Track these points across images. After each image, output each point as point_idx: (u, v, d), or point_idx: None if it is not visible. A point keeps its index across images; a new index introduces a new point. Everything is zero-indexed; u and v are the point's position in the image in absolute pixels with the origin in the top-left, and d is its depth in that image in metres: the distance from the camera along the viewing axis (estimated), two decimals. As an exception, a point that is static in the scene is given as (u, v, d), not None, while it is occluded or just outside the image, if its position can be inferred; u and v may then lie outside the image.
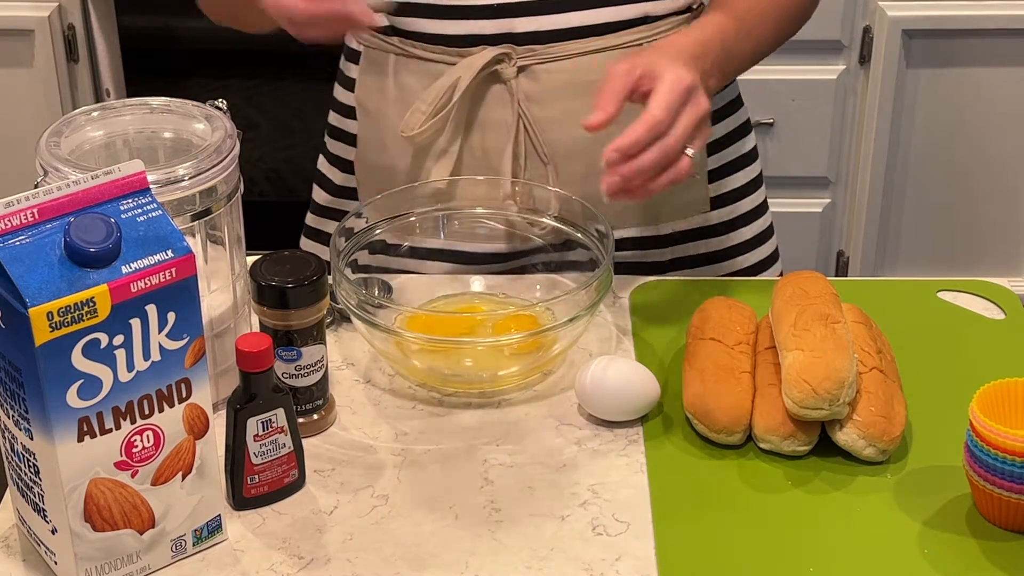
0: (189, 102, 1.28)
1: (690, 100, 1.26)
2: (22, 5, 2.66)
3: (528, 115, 1.43)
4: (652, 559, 1.12)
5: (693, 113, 1.26)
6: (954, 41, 2.66)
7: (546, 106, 1.43)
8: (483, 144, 1.45)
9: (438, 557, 1.12)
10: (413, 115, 1.44)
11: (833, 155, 2.78)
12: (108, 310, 1.01)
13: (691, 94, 1.26)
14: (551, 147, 1.44)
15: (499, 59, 1.42)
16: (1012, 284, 1.49)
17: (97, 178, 1.04)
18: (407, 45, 1.46)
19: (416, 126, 1.43)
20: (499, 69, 1.42)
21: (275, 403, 1.15)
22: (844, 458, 1.22)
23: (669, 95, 1.25)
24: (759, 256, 1.60)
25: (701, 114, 1.27)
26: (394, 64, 1.47)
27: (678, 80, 1.25)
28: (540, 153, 1.44)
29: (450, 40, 1.43)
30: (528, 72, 1.43)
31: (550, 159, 1.44)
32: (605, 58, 1.42)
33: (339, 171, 1.57)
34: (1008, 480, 1.11)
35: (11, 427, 1.07)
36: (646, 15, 1.44)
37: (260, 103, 2.84)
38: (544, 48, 1.42)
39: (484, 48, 1.42)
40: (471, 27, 1.43)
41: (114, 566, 1.09)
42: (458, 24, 1.43)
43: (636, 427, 1.26)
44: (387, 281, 1.44)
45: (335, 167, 1.58)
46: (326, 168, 1.59)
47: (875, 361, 1.24)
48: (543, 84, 1.43)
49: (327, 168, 1.59)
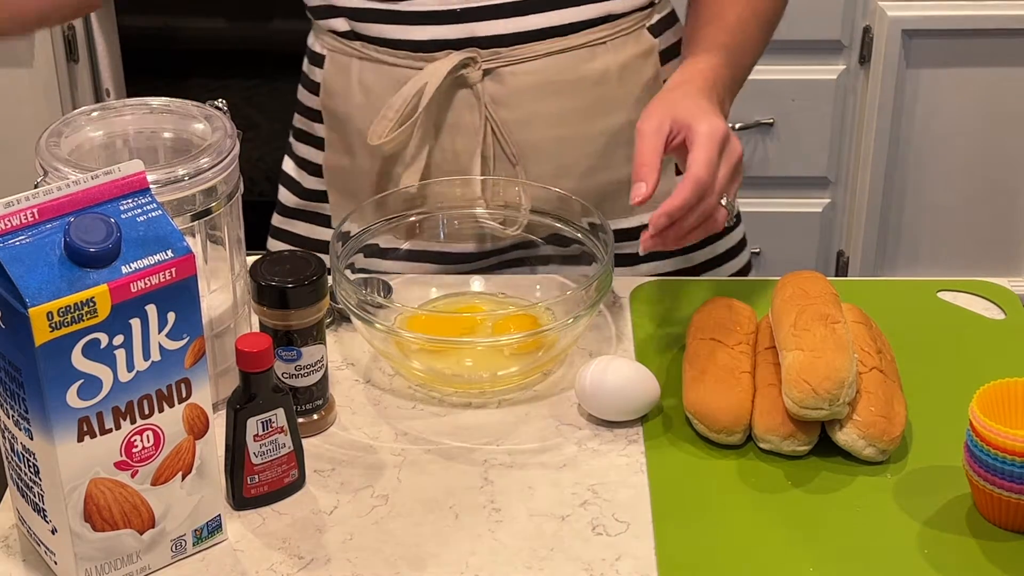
0: (189, 102, 1.28)
1: (726, 150, 1.26)
2: (22, 5, 2.65)
3: (495, 117, 1.44)
4: (652, 559, 1.12)
5: (729, 164, 1.26)
6: (954, 41, 2.66)
7: (513, 108, 1.44)
8: (451, 147, 1.46)
9: (438, 557, 1.12)
10: (380, 122, 1.44)
11: (833, 155, 2.78)
12: (108, 310, 1.01)
13: (726, 143, 1.26)
14: (519, 148, 1.45)
15: (464, 63, 1.42)
16: (1012, 284, 1.49)
17: (97, 178, 1.04)
18: (370, 50, 1.45)
19: (383, 134, 1.43)
20: (465, 73, 1.42)
21: (275, 403, 1.15)
22: (844, 458, 1.22)
23: (708, 151, 1.24)
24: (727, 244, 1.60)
25: (735, 162, 1.27)
26: (358, 69, 1.47)
27: (713, 132, 1.25)
28: (508, 154, 1.45)
29: (414, 45, 1.43)
30: (493, 75, 1.43)
31: (518, 160, 1.45)
32: (569, 58, 1.43)
33: (307, 174, 1.57)
34: (1008, 480, 1.11)
35: (11, 427, 1.07)
36: (608, 13, 1.44)
37: (260, 103, 2.84)
38: (508, 51, 1.43)
39: (449, 53, 1.42)
40: (435, 32, 1.43)
41: (114, 566, 1.09)
42: (422, 29, 1.43)
43: (636, 427, 1.26)
44: (387, 281, 1.44)
45: (303, 170, 1.57)
46: (293, 171, 1.59)
47: (875, 361, 1.24)
48: (509, 86, 1.43)
49: (294, 171, 1.58)
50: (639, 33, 1.47)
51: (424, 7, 1.42)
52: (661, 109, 1.29)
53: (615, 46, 1.45)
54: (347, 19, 1.46)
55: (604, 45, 1.44)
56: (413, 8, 1.42)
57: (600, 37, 1.44)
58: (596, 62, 1.44)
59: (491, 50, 1.42)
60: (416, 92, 1.42)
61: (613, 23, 1.45)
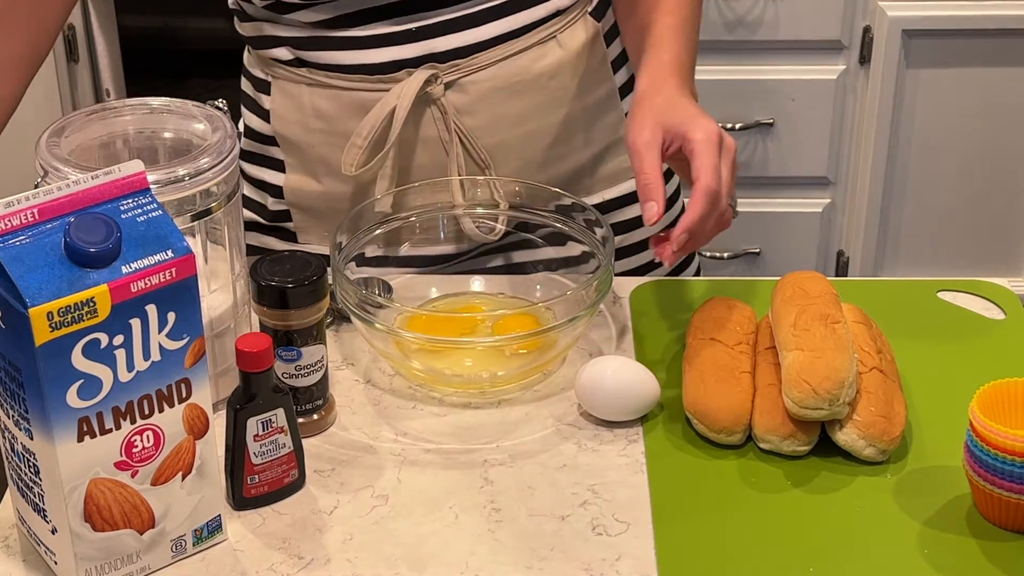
0: (189, 102, 1.28)
1: (723, 149, 1.27)
2: (22, 5, 2.65)
3: (461, 126, 1.44)
4: (652, 559, 1.12)
5: (728, 164, 1.27)
6: (954, 41, 2.66)
7: (476, 115, 1.44)
8: (423, 162, 1.46)
9: (438, 557, 1.12)
10: (350, 151, 1.43)
11: (833, 155, 2.78)
12: (108, 310, 1.01)
13: (722, 142, 1.27)
14: (488, 151, 1.45)
15: (428, 81, 1.42)
16: (1012, 284, 1.48)
17: (97, 178, 1.04)
18: (319, 75, 1.44)
19: (356, 163, 1.42)
20: (428, 90, 1.42)
21: (275, 403, 1.15)
22: (844, 458, 1.22)
23: (711, 157, 1.25)
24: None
25: (733, 159, 1.28)
26: (309, 95, 1.45)
27: (709, 136, 1.26)
28: (477, 160, 1.45)
29: (370, 68, 1.43)
30: (455, 86, 1.43)
31: (488, 163, 1.45)
32: (524, 57, 1.44)
33: (269, 196, 1.53)
34: (1008, 480, 1.11)
35: (11, 427, 1.07)
36: (556, 10, 1.45)
37: (260, 103, 2.84)
38: (466, 61, 1.43)
39: (410, 72, 1.42)
40: (392, 54, 1.42)
41: (114, 566, 1.09)
42: (378, 52, 1.42)
43: (636, 427, 1.26)
44: (387, 281, 1.44)
45: (264, 192, 1.54)
46: (254, 194, 1.55)
47: (875, 361, 1.24)
48: (471, 94, 1.44)
49: (255, 193, 1.54)
50: (584, 20, 1.48)
51: (379, 30, 1.41)
52: (650, 120, 1.29)
53: (564, 39, 1.46)
54: (290, 48, 1.44)
55: (554, 39, 1.46)
56: (367, 32, 1.41)
57: (551, 32, 1.45)
58: (549, 57, 1.46)
59: (450, 63, 1.43)
60: (385, 115, 1.41)
61: (560, 17, 1.46)
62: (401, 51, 1.42)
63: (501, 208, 1.46)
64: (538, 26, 1.45)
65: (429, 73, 1.42)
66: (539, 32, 1.45)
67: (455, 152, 1.44)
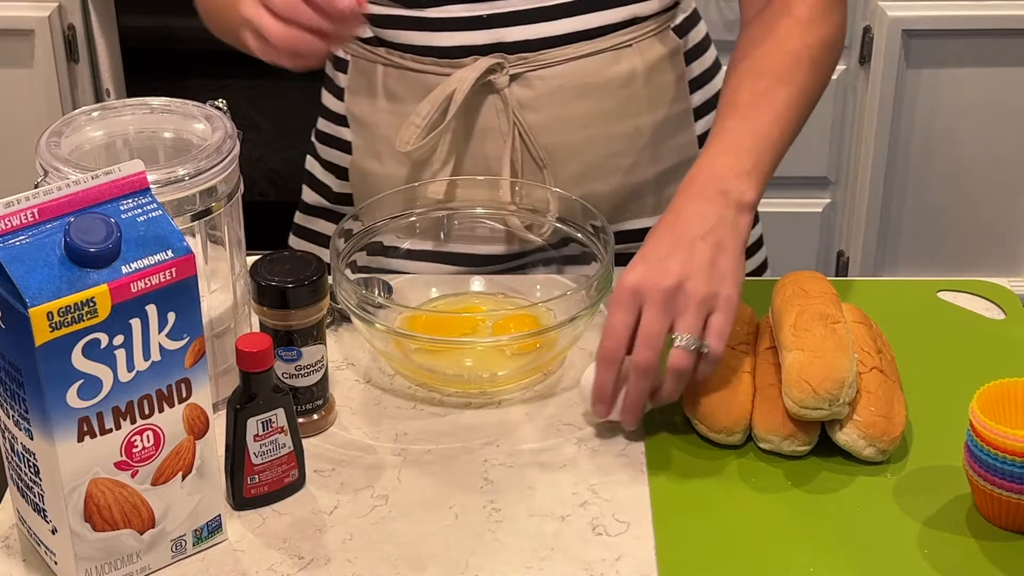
0: (189, 102, 1.28)
1: (645, 299, 1.18)
2: (22, 5, 2.66)
3: (523, 122, 1.43)
4: (652, 559, 1.12)
5: (652, 310, 1.18)
6: (954, 41, 2.66)
7: (540, 112, 1.43)
8: (480, 152, 1.45)
9: (438, 557, 1.12)
10: (407, 129, 1.44)
11: (833, 155, 2.78)
12: (108, 310, 1.01)
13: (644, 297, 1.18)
14: (546, 151, 1.44)
15: (492, 69, 1.42)
16: (1012, 284, 1.48)
17: (97, 178, 1.04)
18: (395, 56, 1.45)
19: (411, 140, 1.43)
20: (492, 79, 1.42)
21: (275, 403, 1.15)
22: (844, 458, 1.22)
23: (611, 313, 1.19)
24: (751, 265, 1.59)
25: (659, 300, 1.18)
26: (383, 75, 1.47)
27: (620, 289, 1.19)
28: (535, 158, 1.44)
29: (440, 52, 1.43)
30: (520, 80, 1.43)
31: (546, 163, 1.45)
32: (596, 61, 1.43)
33: (335, 177, 1.56)
34: (1008, 480, 1.11)
35: (11, 427, 1.07)
36: (634, 16, 1.44)
37: (260, 103, 2.84)
38: (535, 55, 1.42)
39: (476, 59, 1.42)
40: (462, 39, 1.42)
41: (114, 566, 1.09)
42: (449, 36, 1.42)
43: (636, 427, 1.26)
44: (387, 281, 1.44)
45: (330, 173, 1.57)
46: (320, 173, 1.58)
47: (875, 361, 1.24)
48: (536, 90, 1.43)
49: (322, 174, 1.58)
50: (664, 34, 1.46)
51: (451, 14, 1.41)
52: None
53: (641, 48, 1.44)
54: (371, 26, 1.45)
55: (630, 48, 1.44)
56: (440, 15, 1.42)
57: (626, 40, 1.44)
58: (622, 64, 1.44)
59: (518, 55, 1.42)
60: (444, 98, 1.42)
61: (639, 25, 1.44)
62: (471, 37, 1.42)
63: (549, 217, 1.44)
64: (613, 31, 1.43)
65: (494, 61, 1.41)
66: (614, 37, 1.43)
67: (514, 146, 1.43)
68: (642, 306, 1.19)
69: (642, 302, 1.19)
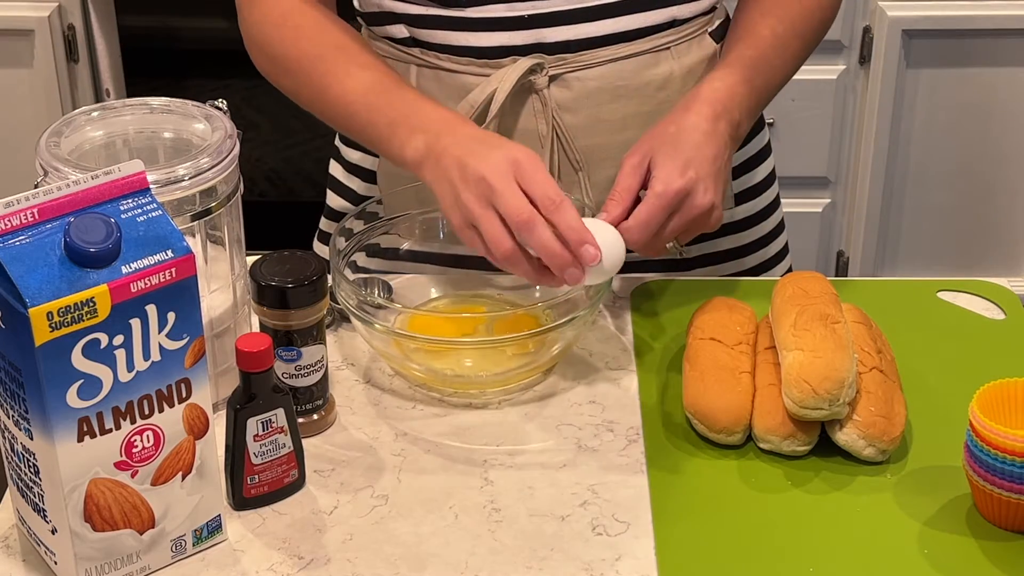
0: (189, 102, 1.28)
1: (681, 209, 1.28)
2: (22, 5, 2.66)
3: (561, 123, 1.43)
4: (652, 559, 1.12)
5: (684, 219, 1.28)
6: (954, 41, 2.66)
7: (578, 113, 1.43)
8: None
9: (438, 557, 1.12)
10: None
11: (833, 155, 2.78)
12: (108, 310, 1.01)
13: (684, 201, 1.28)
14: (583, 153, 1.43)
15: (532, 70, 1.40)
16: (1012, 284, 1.48)
17: (97, 178, 1.04)
18: (430, 56, 1.44)
19: None
20: (532, 79, 1.41)
21: (275, 403, 1.15)
22: (844, 458, 1.22)
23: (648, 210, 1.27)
24: (772, 251, 1.60)
25: (688, 221, 1.29)
26: (416, 76, 1.45)
27: (665, 190, 1.27)
28: (572, 160, 1.44)
29: (478, 52, 1.42)
30: (559, 80, 1.42)
31: (582, 165, 1.44)
32: (634, 63, 1.42)
33: (360, 180, 1.55)
34: (1008, 480, 1.11)
35: (11, 427, 1.07)
36: (673, 19, 1.43)
37: (260, 103, 2.84)
38: (574, 56, 1.41)
39: (515, 59, 1.41)
40: (501, 39, 1.41)
41: (114, 566, 1.09)
42: (489, 36, 1.41)
43: (636, 427, 1.26)
44: (387, 281, 1.44)
45: (355, 176, 1.55)
46: (344, 177, 1.57)
47: (875, 361, 1.24)
48: (575, 92, 1.42)
49: (345, 177, 1.56)
50: (702, 38, 1.46)
51: (492, 13, 1.40)
52: (648, 144, 1.30)
53: (679, 51, 1.44)
54: (407, 25, 1.43)
55: (668, 50, 1.43)
56: (480, 15, 1.40)
57: (664, 43, 1.43)
58: (660, 67, 1.43)
59: (557, 56, 1.41)
60: (484, 99, 1.40)
61: (677, 28, 1.44)
62: (511, 37, 1.41)
63: None
64: (652, 33, 1.43)
65: (534, 62, 1.40)
66: (653, 40, 1.43)
67: (552, 147, 1.42)
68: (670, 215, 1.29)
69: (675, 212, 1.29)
